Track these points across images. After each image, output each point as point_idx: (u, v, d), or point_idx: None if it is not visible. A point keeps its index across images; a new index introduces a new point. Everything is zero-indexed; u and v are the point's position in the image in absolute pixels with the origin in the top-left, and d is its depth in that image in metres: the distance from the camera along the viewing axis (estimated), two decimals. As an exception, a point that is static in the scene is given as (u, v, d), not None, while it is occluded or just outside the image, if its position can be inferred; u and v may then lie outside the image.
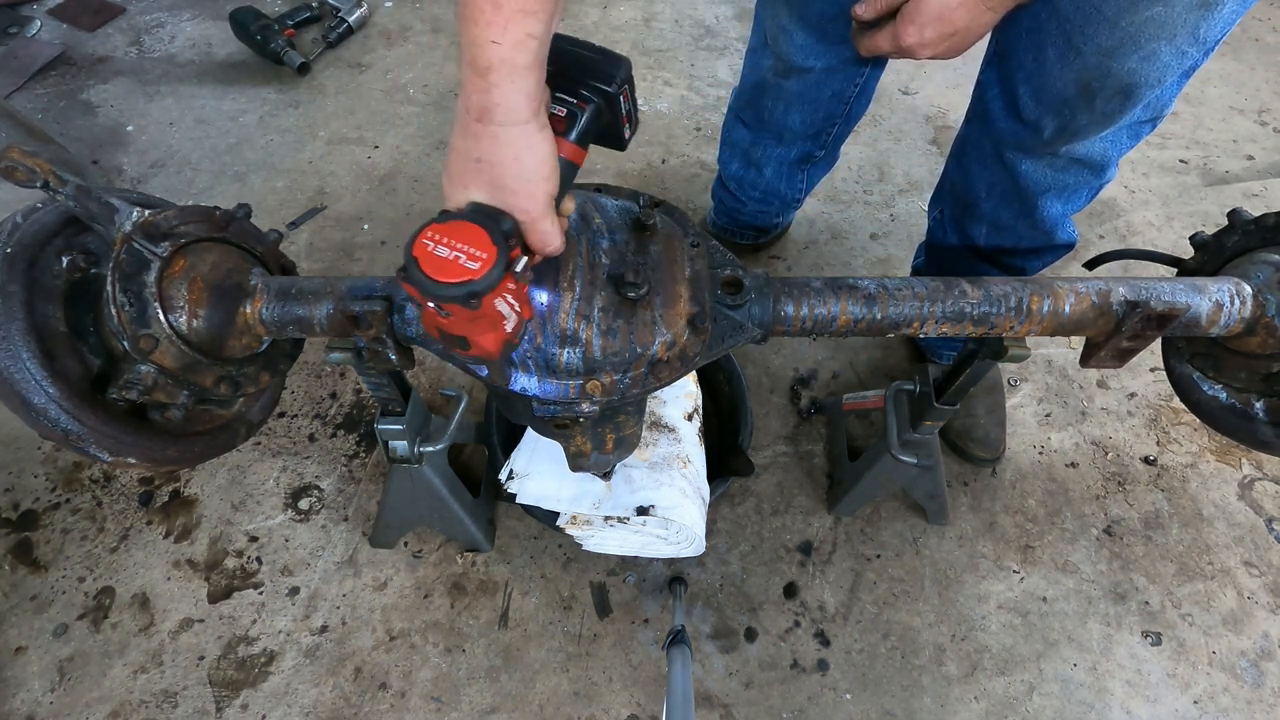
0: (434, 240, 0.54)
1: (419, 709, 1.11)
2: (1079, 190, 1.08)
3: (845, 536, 1.30)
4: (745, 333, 0.77)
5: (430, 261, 0.53)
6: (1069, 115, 0.94)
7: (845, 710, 1.13)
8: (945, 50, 0.83)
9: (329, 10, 2.18)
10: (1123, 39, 0.83)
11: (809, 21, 1.08)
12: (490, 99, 0.55)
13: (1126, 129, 0.97)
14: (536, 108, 0.57)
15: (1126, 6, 0.80)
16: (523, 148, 0.57)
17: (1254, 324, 0.82)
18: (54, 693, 1.11)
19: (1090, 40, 0.85)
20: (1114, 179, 1.08)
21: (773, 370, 1.50)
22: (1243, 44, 2.28)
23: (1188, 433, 1.44)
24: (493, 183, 0.58)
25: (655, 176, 1.85)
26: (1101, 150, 0.99)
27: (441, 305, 0.54)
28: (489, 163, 0.58)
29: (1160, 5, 0.78)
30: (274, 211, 1.74)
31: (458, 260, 0.52)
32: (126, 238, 0.70)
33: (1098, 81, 0.88)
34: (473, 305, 0.53)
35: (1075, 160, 1.01)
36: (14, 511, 1.27)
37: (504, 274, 0.53)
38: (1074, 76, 0.89)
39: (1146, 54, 0.83)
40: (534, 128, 0.57)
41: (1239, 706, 1.15)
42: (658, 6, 2.32)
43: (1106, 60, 0.85)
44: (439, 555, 1.25)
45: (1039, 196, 1.08)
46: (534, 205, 0.58)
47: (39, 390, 0.66)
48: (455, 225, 0.54)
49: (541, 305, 0.70)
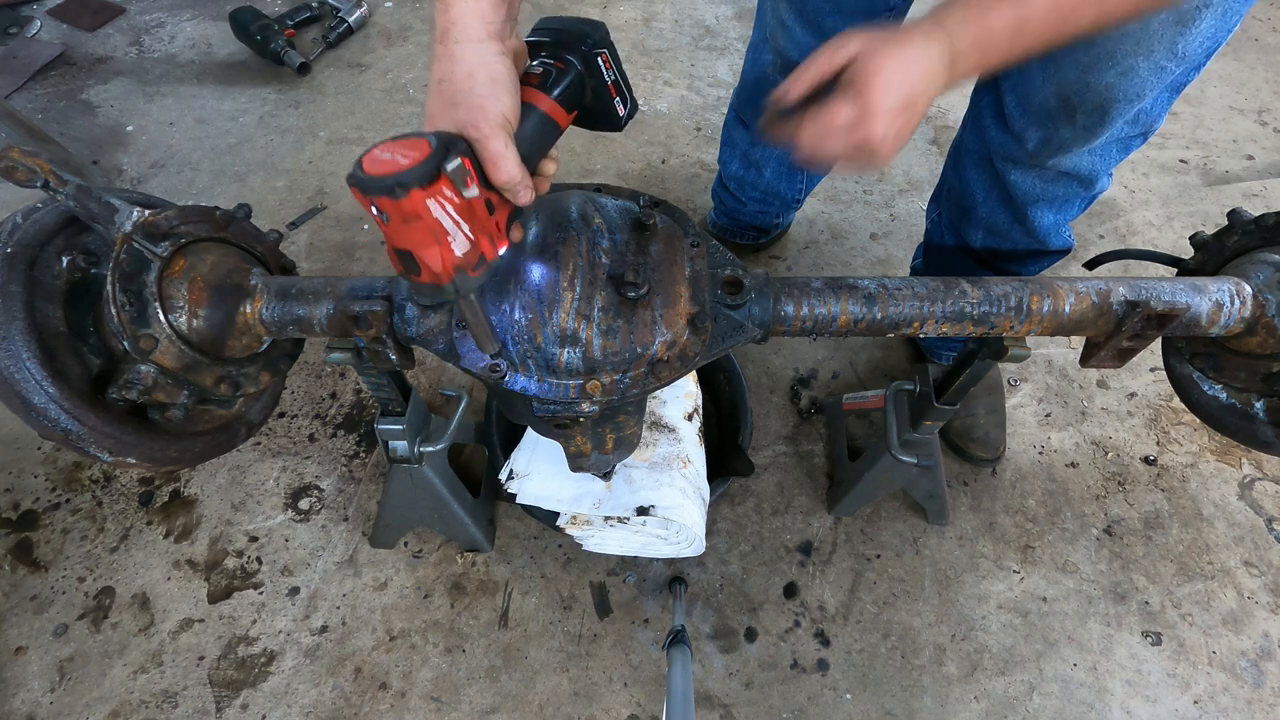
0: (382, 151, 0.55)
1: (419, 709, 1.11)
2: (1070, 201, 1.08)
3: (845, 536, 1.29)
4: (745, 333, 0.77)
5: (372, 162, 0.54)
6: (1052, 128, 0.94)
7: (845, 710, 1.13)
8: (896, 146, 0.65)
9: (329, 10, 2.18)
10: (1099, 54, 0.83)
11: (808, 16, 1.08)
12: (448, 18, 0.59)
13: (1116, 143, 0.97)
14: (493, 31, 0.59)
15: None
16: (475, 64, 0.59)
17: (1254, 324, 0.82)
18: (54, 693, 1.11)
19: (1069, 54, 0.85)
20: (1108, 188, 1.08)
21: (773, 370, 1.50)
22: (1243, 44, 2.28)
23: (1188, 433, 1.44)
24: (449, 101, 0.59)
25: (655, 176, 1.85)
26: (1090, 164, 0.99)
27: (376, 204, 0.54)
28: (446, 81, 0.59)
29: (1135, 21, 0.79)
30: (274, 211, 1.74)
31: (394, 160, 0.54)
32: (127, 238, 0.70)
33: (1077, 95, 0.89)
34: (398, 195, 0.53)
35: (1063, 173, 1.02)
36: (14, 511, 1.27)
37: (436, 173, 0.54)
38: (1054, 89, 0.90)
39: (1124, 69, 0.83)
40: (489, 48, 0.59)
41: (1239, 706, 1.15)
42: (658, 6, 2.32)
43: (1085, 74, 0.86)
44: (439, 555, 1.25)
45: (1029, 206, 1.08)
46: (483, 121, 0.58)
47: (39, 390, 0.66)
48: (407, 140, 0.56)
49: (537, 284, 0.70)
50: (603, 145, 1.91)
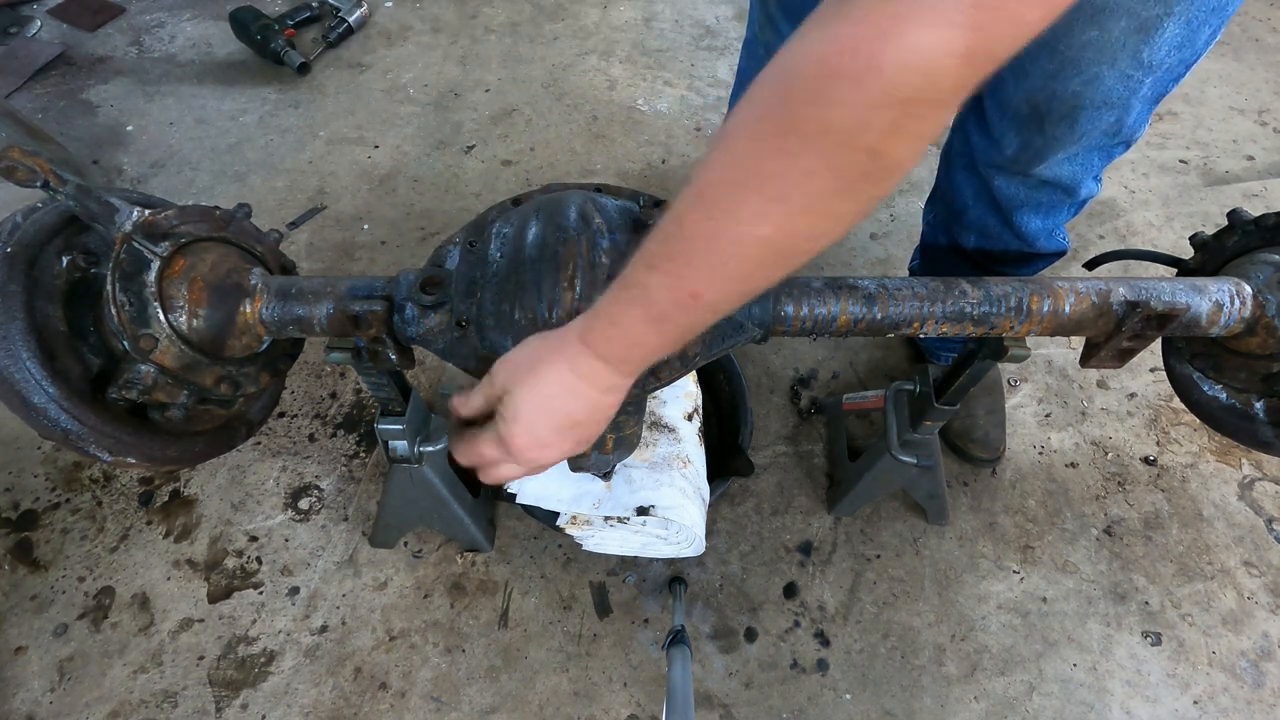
0: None
1: (419, 709, 1.11)
2: (1056, 207, 1.07)
3: (845, 536, 1.29)
4: (745, 332, 0.77)
5: None
6: (1027, 135, 0.94)
7: (845, 710, 1.13)
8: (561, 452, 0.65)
9: (329, 10, 2.17)
10: (1063, 63, 0.83)
11: (792, 12, 1.08)
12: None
13: (1096, 151, 0.96)
14: None
15: (1063, 31, 0.80)
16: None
17: (1254, 324, 0.82)
18: (54, 692, 1.11)
19: (1035, 62, 0.86)
20: (1097, 194, 1.07)
21: (773, 370, 1.50)
22: (1243, 44, 2.28)
23: (1188, 433, 1.44)
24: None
25: (655, 176, 1.85)
26: (1070, 173, 0.99)
27: None
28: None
29: (1095, 29, 0.79)
30: (274, 211, 1.74)
31: None
32: (126, 237, 0.70)
33: (1045, 103, 0.89)
34: None
35: (1045, 181, 1.01)
36: (14, 511, 1.27)
37: None
38: (1024, 96, 0.90)
39: (1088, 77, 0.83)
40: None
41: (1239, 707, 1.15)
42: (658, 6, 2.32)
43: (1050, 82, 0.86)
44: (439, 555, 1.25)
45: (1015, 211, 1.08)
46: None
47: (39, 390, 0.66)
48: None
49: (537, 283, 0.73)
50: (603, 145, 1.91)
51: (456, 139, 1.92)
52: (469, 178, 1.83)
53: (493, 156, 1.88)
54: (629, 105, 2.02)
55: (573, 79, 2.09)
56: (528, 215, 0.76)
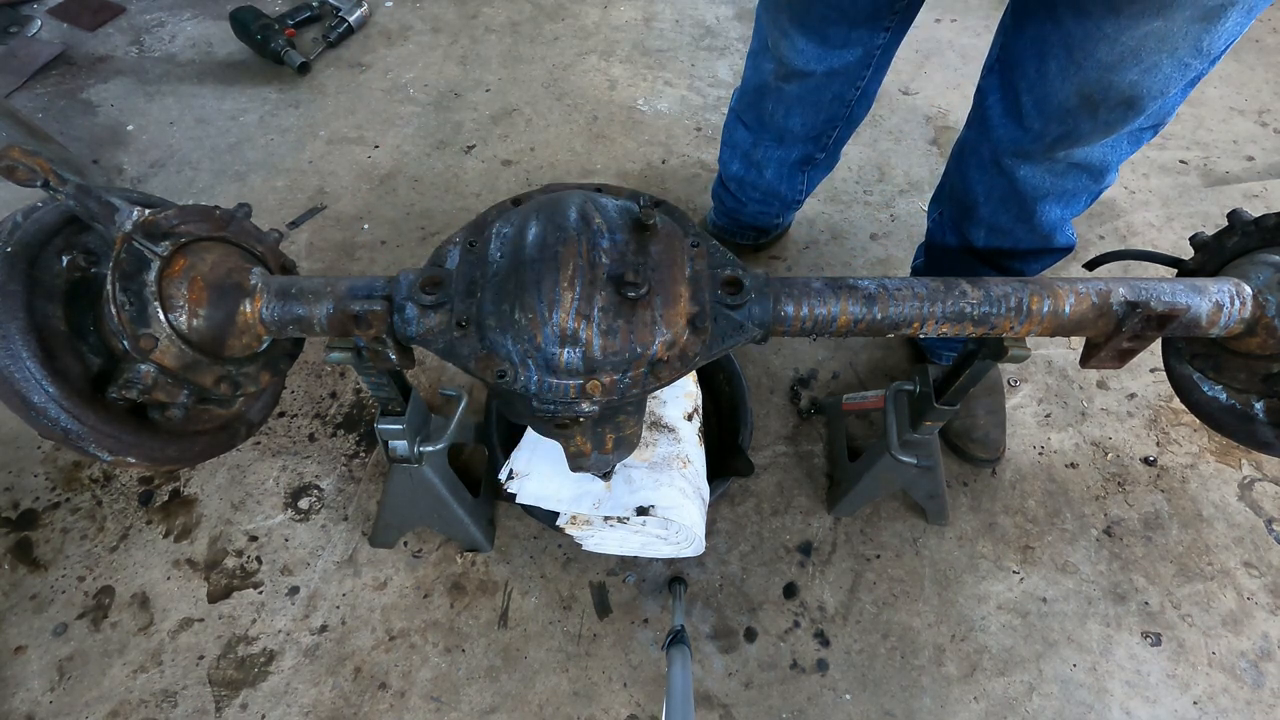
0: None
1: (419, 709, 1.11)
2: (1078, 195, 1.08)
3: (845, 537, 1.29)
4: (745, 333, 0.77)
5: None
6: (1072, 123, 0.94)
7: (845, 710, 1.13)
8: None
9: (329, 10, 2.18)
10: (1123, 54, 0.83)
11: (809, 26, 1.08)
12: None
13: (1127, 135, 0.97)
14: None
15: (1126, 24, 0.80)
16: None
17: (1254, 324, 0.82)
18: (53, 692, 1.11)
19: (1090, 56, 0.85)
20: (1114, 183, 1.08)
21: (773, 370, 1.50)
22: (1243, 44, 2.28)
23: (1188, 433, 1.44)
24: None
25: (655, 176, 1.85)
26: (1101, 156, 0.99)
27: None
28: None
29: (1159, 20, 0.78)
30: (274, 211, 1.74)
31: None
32: (127, 237, 0.70)
33: (1100, 94, 0.88)
34: None
35: (1074, 165, 1.01)
36: (14, 511, 1.27)
37: None
38: (1074, 89, 0.90)
39: (1148, 66, 0.83)
40: None
41: (1239, 707, 1.15)
42: (658, 6, 2.32)
43: (1108, 74, 0.86)
44: (439, 555, 1.25)
45: (1037, 201, 1.08)
46: None
47: (39, 389, 0.66)
48: None
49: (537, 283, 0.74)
50: (603, 145, 1.91)
51: (457, 139, 1.92)
52: (469, 178, 1.83)
53: (493, 156, 1.88)
54: (629, 105, 2.02)
55: (573, 79, 2.09)
56: (528, 215, 0.76)
